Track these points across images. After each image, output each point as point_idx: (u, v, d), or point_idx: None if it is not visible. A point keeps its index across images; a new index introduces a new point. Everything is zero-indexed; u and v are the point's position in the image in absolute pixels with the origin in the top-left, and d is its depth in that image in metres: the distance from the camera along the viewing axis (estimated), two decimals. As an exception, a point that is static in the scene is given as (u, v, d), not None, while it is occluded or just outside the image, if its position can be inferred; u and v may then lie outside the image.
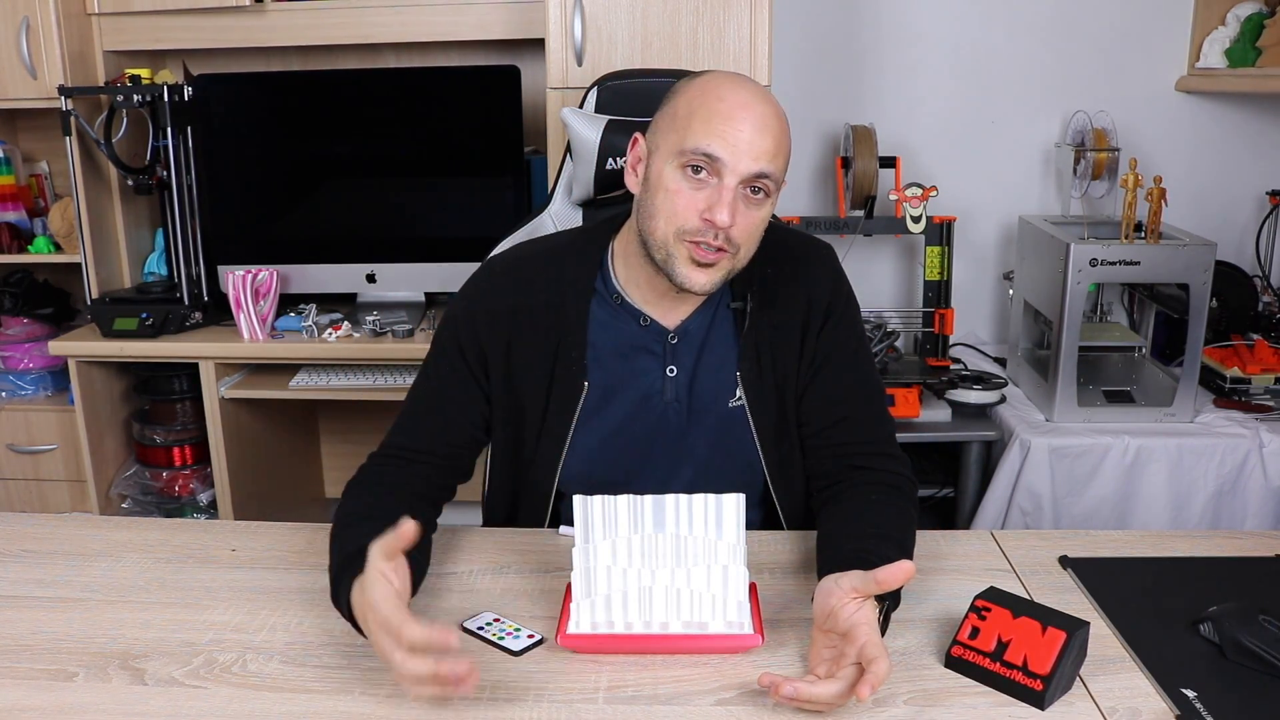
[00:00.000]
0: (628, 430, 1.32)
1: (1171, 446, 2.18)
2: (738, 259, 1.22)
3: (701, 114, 1.17)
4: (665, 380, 1.32)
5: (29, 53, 2.38)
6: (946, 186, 2.51)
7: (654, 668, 1.05)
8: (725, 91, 1.18)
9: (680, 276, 1.20)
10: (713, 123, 1.16)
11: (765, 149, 1.17)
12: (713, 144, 1.16)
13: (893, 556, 1.10)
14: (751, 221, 1.20)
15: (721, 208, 1.16)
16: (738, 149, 1.16)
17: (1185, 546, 1.31)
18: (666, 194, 1.19)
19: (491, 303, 1.31)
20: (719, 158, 1.16)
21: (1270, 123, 2.65)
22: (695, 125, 1.17)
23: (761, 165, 1.17)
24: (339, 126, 2.55)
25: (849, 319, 1.35)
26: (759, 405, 1.32)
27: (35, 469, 2.63)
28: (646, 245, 1.22)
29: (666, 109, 1.23)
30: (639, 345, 1.31)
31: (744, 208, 1.18)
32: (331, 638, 1.11)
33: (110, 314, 2.40)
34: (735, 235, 1.18)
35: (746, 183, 1.17)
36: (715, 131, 1.16)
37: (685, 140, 1.17)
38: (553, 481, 1.33)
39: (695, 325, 1.32)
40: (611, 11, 2.16)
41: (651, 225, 1.21)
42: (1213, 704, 0.97)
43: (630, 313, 1.31)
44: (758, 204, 1.20)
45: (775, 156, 1.18)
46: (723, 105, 1.17)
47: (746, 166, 1.16)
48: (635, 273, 1.29)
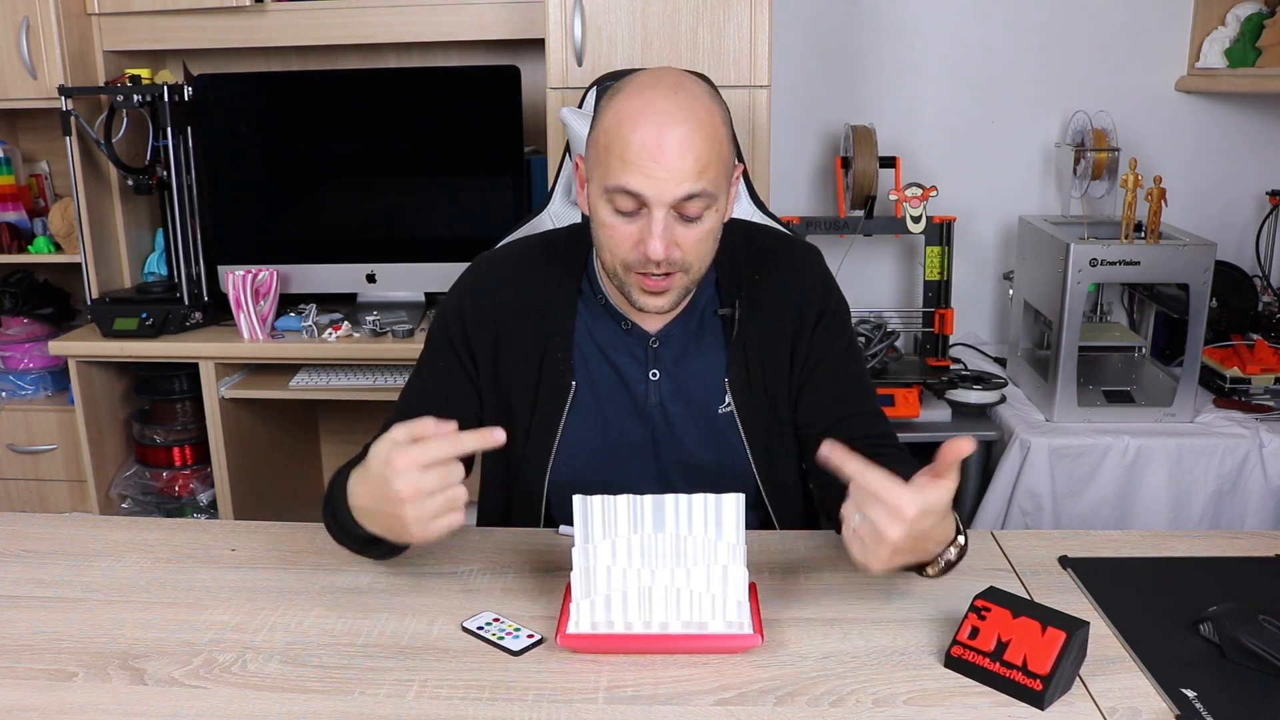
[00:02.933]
0: (616, 432, 1.32)
1: (1171, 446, 2.18)
2: (691, 275, 1.21)
3: (617, 147, 1.12)
4: (649, 384, 1.31)
5: (29, 53, 2.38)
6: (946, 186, 2.51)
7: (654, 668, 1.05)
8: (638, 118, 1.12)
9: (638, 302, 1.21)
10: (628, 156, 1.12)
11: (688, 170, 1.12)
12: (630, 180, 1.12)
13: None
14: (694, 238, 1.17)
15: (652, 240, 1.14)
16: (658, 180, 1.12)
17: (1185, 546, 1.31)
18: (603, 228, 1.18)
19: (480, 300, 1.32)
20: (640, 193, 1.13)
21: (1270, 123, 2.65)
22: (613, 161, 1.13)
23: (686, 188, 1.12)
24: (339, 126, 2.55)
25: (839, 319, 1.35)
26: (748, 411, 1.32)
27: (35, 469, 2.63)
28: (605, 274, 1.24)
29: (593, 133, 1.19)
30: (622, 348, 1.31)
31: (681, 229, 1.16)
32: (331, 638, 1.11)
33: (110, 314, 2.41)
34: (678, 258, 1.17)
35: (676, 209, 1.15)
36: (632, 166, 1.11)
37: (608, 176, 1.14)
38: (543, 481, 1.33)
39: (678, 330, 1.31)
40: (611, 11, 2.16)
41: (601, 255, 1.22)
42: (1213, 704, 0.97)
43: (613, 315, 1.31)
44: (696, 221, 1.16)
45: (702, 173, 1.13)
46: (636, 136, 1.11)
47: (670, 194, 1.13)
48: (611, 284, 1.29)
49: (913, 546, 1.01)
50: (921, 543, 1.02)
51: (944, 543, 1.08)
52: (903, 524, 0.97)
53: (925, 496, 0.97)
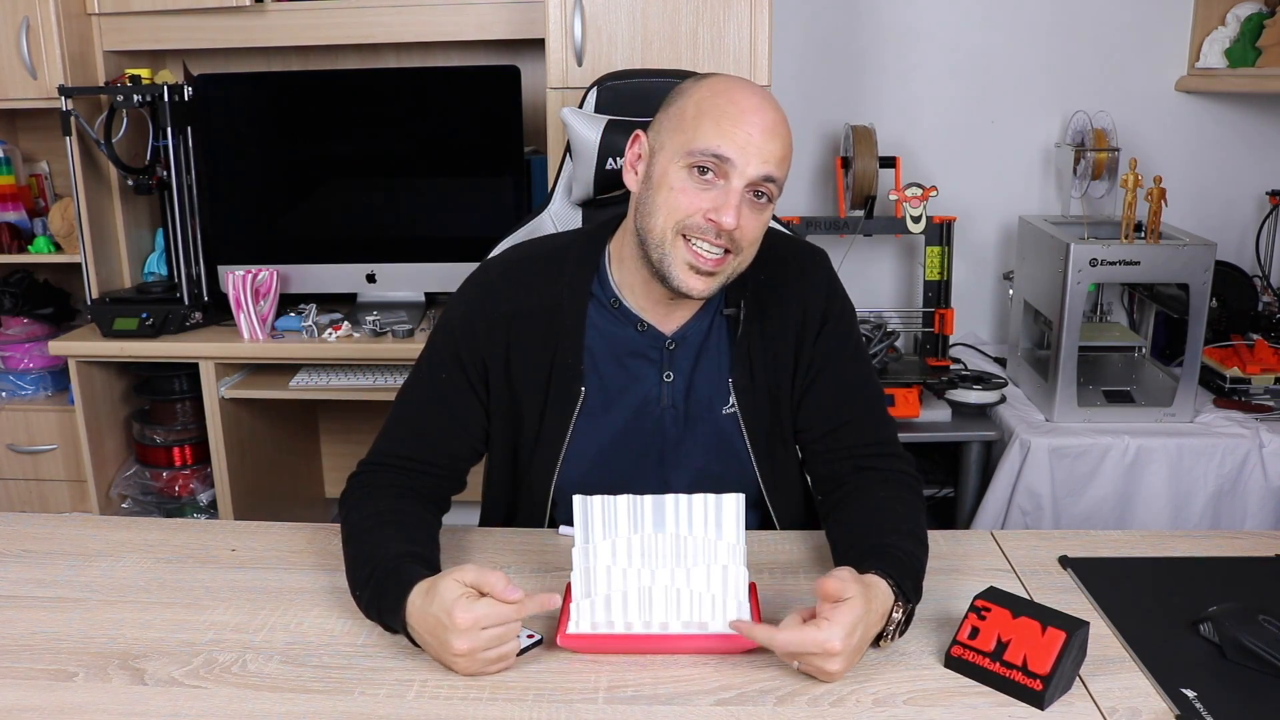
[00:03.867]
0: (624, 436, 1.32)
1: (1171, 446, 2.18)
2: (739, 263, 1.22)
3: (712, 115, 1.17)
4: (663, 386, 1.31)
5: (29, 53, 2.38)
6: (946, 186, 2.51)
7: (654, 668, 1.05)
8: (737, 95, 1.18)
9: (676, 280, 1.20)
10: (723, 124, 1.16)
11: (774, 153, 1.17)
12: (723, 145, 1.16)
13: (914, 551, 1.13)
14: (754, 225, 1.20)
15: (728, 209, 1.16)
16: (747, 151, 1.16)
17: (1185, 546, 1.31)
18: (670, 191, 1.19)
19: (489, 308, 1.30)
20: (729, 158, 1.16)
21: (1270, 123, 2.65)
22: (705, 126, 1.17)
23: (769, 169, 1.17)
24: (339, 126, 2.55)
25: (844, 323, 1.34)
26: (751, 412, 1.32)
27: (35, 469, 2.63)
28: (644, 244, 1.22)
29: (673, 108, 1.22)
30: (636, 350, 1.31)
31: (748, 211, 1.18)
32: (331, 638, 1.11)
33: (110, 314, 2.40)
34: (739, 237, 1.18)
35: (752, 186, 1.17)
36: (726, 133, 1.16)
37: (695, 140, 1.17)
38: (549, 486, 1.33)
39: (693, 331, 1.31)
40: (611, 11, 2.16)
41: (650, 222, 1.20)
42: (1213, 704, 0.97)
43: (628, 317, 1.30)
44: (760, 208, 1.20)
45: (782, 162, 1.19)
46: (734, 108, 1.17)
47: (755, 169, 1.16)
48: (631, 277, 1.29)
49: (861, 646, 1.02)
50: (866, 637, 1.03)
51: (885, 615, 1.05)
52: (839, 655, 0.99)
53: (841, 621, 0.98)
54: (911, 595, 1.08)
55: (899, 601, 1.06)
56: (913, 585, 1.09)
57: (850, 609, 0.99)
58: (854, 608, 0.99)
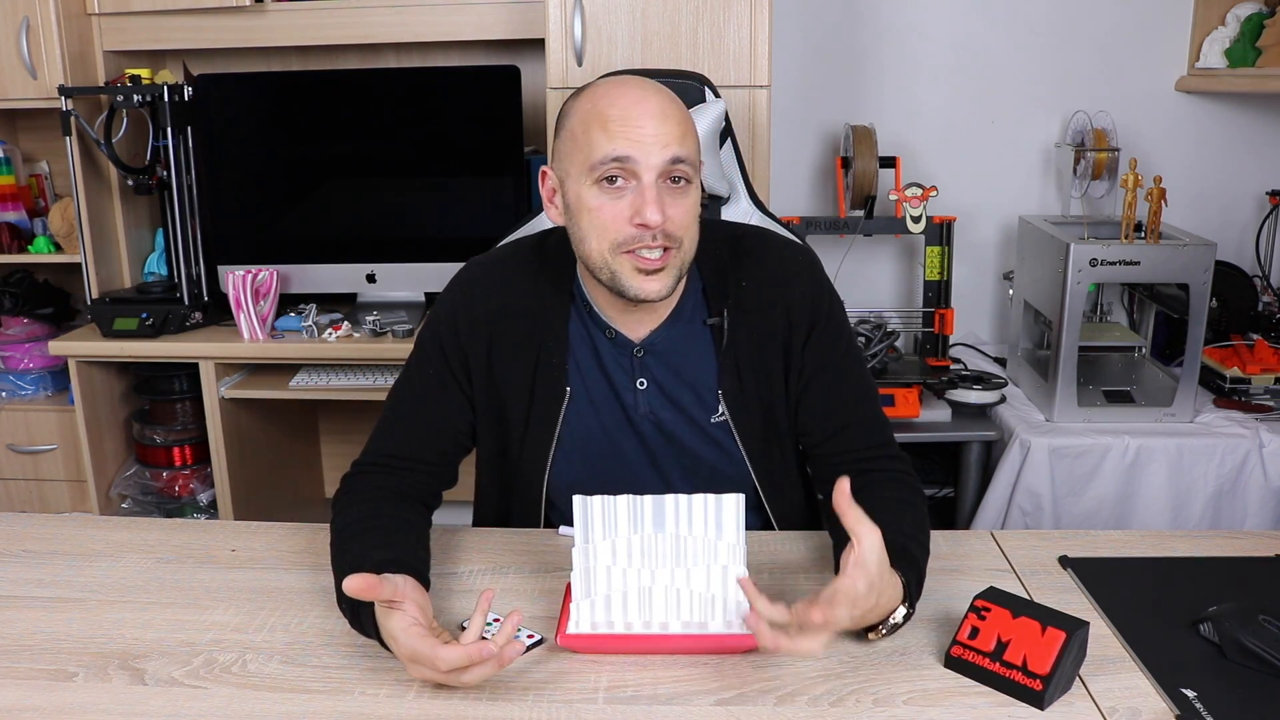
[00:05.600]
0: (610, 439, 1.31)
1: (1171, 446, 2.18)
2: (683, 252, 1.19)
3: (599, 123, 1.14)
4: (636, 394, 1.30)
5: (29, 53, 2.38)
6: (946, 186, 2.51)
7: (654, 668, 1.05)
8: (614, 95, 1.16)
9: (631, 290, 1.18)
10: (611, 127, 1.14)
11: (672, 134, 1.14)
12: (617, 146, 1.13)
13: (919, 557, 1.13)
14: (683, 210, 1.17)
15: (647, 206, 1.13)
16: (644, 144, 1.13)
17: (1185, 546, 1.31)
18: (590, 213, 1.17)
19: (473, 307, 1.30)
20: (629, 156, 1.13)
21: (1270, 123, 2.65)
22: (596, 136, 1.14)
23: (673, 151, 1.14)
24: (339, 126, 2.55)
25: (835, 324, 1.32)
26: (743, 420, 1.31)
27: (35, 469, 2.63)
28: (591, 270, 1.21)
29: (564, 132, 1.20)
30: (609, 356, 1.30)
31: (671, 199, 1.16)
32: (331, 638, 1.11)
33: (110, 314, 2.41)
34: (672, 229, 1.16)
35: (664, 175, 1.15)
36: (617, 135, 1.13)
37: (592, 153, 1.14)
38: (541, 485, 1.33)
39: (662, 338, 1.29)
40: (611, 11, 2.16)
41: (585, 249, 1.19)
42: (1213, 704, 0.97)
43: (598, 323, 1.29)
44: (682, 191, 1.17)
45: (684, 139, 1.15)
46: (616, 108, 1.14)
47: (659, 157, 1.14)
48: (594, 288, 1.28)
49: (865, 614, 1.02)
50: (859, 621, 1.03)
51: (886, 611, 1.05)
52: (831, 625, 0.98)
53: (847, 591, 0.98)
54: (915, 599, 1.09)
55: (904, 602, 1.06)
56: (917, 590, 1.10)
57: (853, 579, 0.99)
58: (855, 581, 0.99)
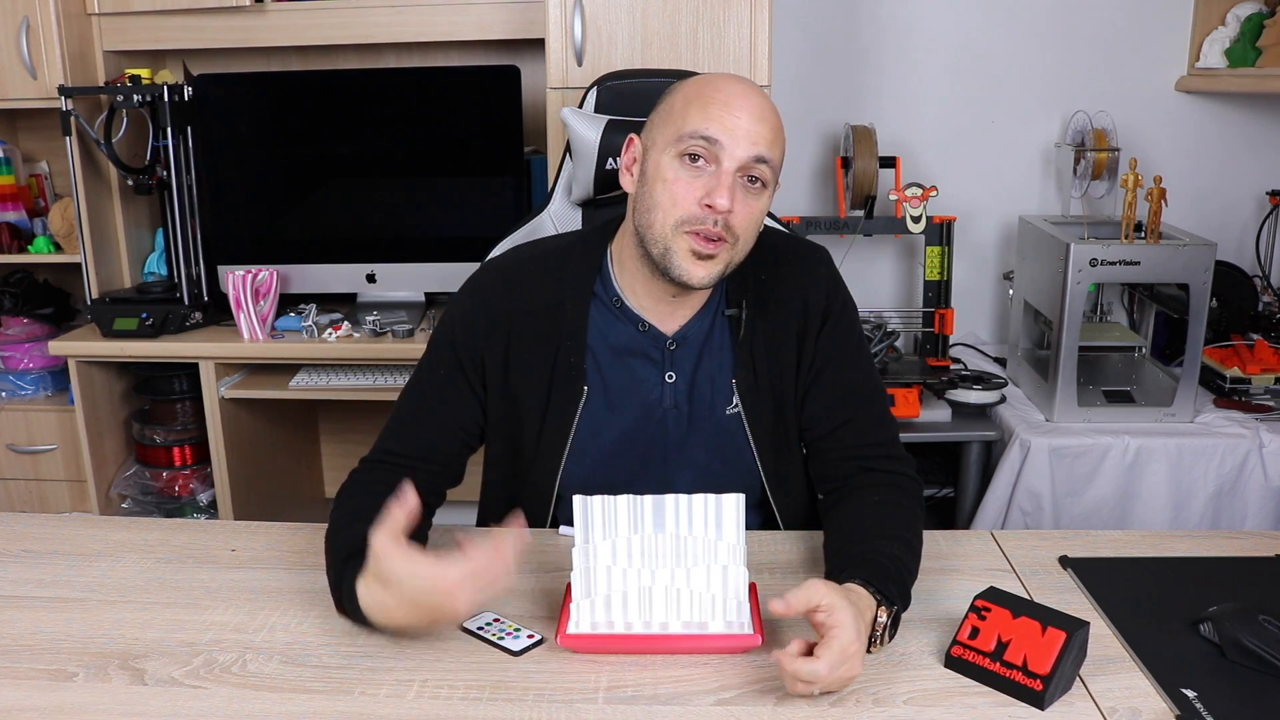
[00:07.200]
0: (627, 436, 1.31)
1: (1171, 446, 2.18)
2: (736, 250, 1.21)
3: (699, 102, 1.18)
4: (664, 387, 1.31)
5: (29, 53, 2.38)
6: (946, 186, 2.51)
7: (654, 668, 1.05)
8: (721, 84, 1.20)
9: (678, 270, 1.20)
10: (710, 109, 1.17)
11: (763, 135, 1.17)
12: (710, 127, 1.16)
13: (901, 556, 1.12)
14: (750, 211, 1.20)
15: (721, 191, 1.16)
16: (735, 133, 1.16)
17: (1185, 546, 1.31)
18: (664, 184, 1.19)
19: (490, 308, 1.30)
20: (717, 140, 1.16)
21: (1270, 123, 2.65)
22: (692, 113, 1.18)
23: (760, 149, 1.17)
24: (339, 126, 2.55)
25: (846, 321, 1.34)
26: (755, 412, 1.32)
27: (35, 469, 2.63)
28: (644, 242, 1.22)
29: (663, 106, 1.24)
30: (638, 351, 1.31)
31: (743, 196, 1.18)
32: (331, 638, 1.11)
33: (110, 314, 2.40)
34: (735, 223, 1.18)
35: (744, 170, 1.18)
36: (713, 117, 1.17)
37: (683, 127, 1.17)
38: (553, 485, 1.33)
39: (694, 331, 1.31)
40: (611, 11, 2.16)
41: (649, 219, 1.21)
42: (1213, 704, 0.97)
43: (629, 317, 1.30)
44: (756, 194, 1.20)
45: (773, 144, 1.19)
46: (720, 94, 1.18)
47: (745, 151, 1.16)
48: (633, 276, 1.29)
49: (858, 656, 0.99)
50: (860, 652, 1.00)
51: (870, 623, 1.04)
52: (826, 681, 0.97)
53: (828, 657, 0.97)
54: (896, 599, 1.07)
55: (882, 606, 1.06)
56: (897, 590, 1.08)
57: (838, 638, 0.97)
58: (842, 636, 0.97)
